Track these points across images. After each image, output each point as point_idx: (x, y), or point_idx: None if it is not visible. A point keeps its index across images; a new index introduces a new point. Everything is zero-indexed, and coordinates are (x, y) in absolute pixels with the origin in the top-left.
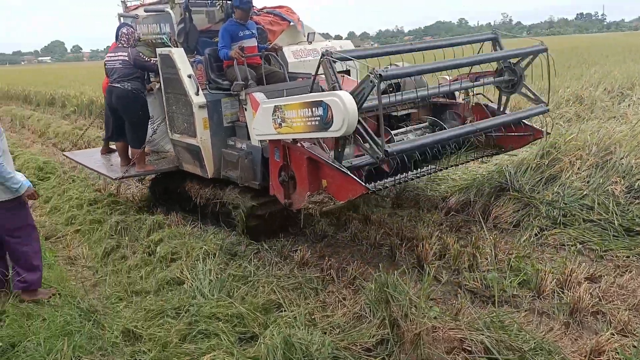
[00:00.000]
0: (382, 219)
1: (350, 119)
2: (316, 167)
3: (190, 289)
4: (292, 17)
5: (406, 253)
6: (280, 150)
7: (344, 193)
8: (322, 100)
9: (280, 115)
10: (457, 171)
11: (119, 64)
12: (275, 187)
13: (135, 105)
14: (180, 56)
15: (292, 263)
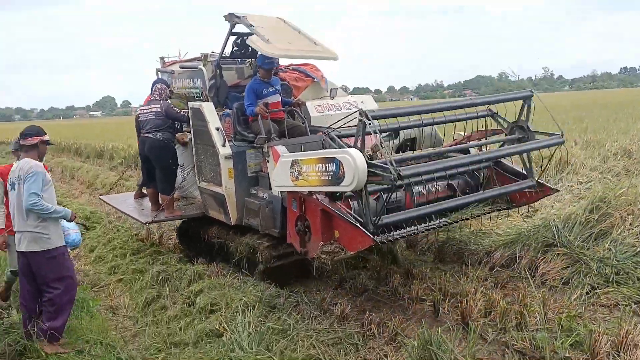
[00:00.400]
0: (424, 273)
1: (360, 176)
2: (329, 219)
3: (229, 342)
4: (316, 74)
5: (450, 309)
6: (297, 201)
7: (355, 244)
8: (334, 156)
9: (297, 169)
10: (501, 225)
11: (152, 116)
12: (292, 235)
13: (166, 154)
14: (209, 110)
15: (332, 317)
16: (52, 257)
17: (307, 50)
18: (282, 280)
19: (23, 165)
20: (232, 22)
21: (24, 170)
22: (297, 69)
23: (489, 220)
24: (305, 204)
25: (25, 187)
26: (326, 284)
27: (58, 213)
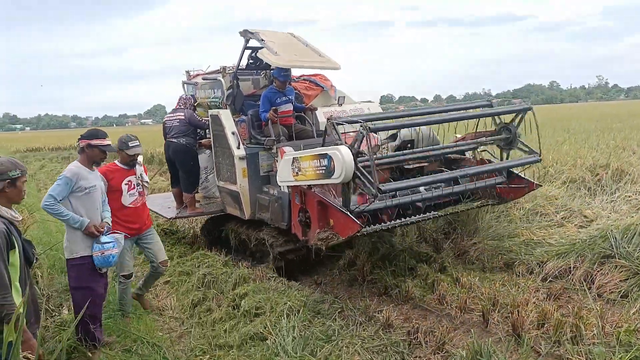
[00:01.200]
0: (472, 282)
1: (347, 169)
2: (325, 209)
3: (273, 346)
4: (325, 84)
5: (500, 320)
6: (299, 194)
7: (346, 230)
8: (327, 153)
9: (297, 165)
10: (554, 235)
11: (177, 123)
12: (295, 226)
13: (188, 157)
14: (226, 116)
15: (377, 324)
16: (72, 265)
17: (311, 61)
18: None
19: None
20: (246, 37)
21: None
22: (307, 79)
23: (540, 229)
24: (305, 197)
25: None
26: (371, 291)
27: (73, 221)
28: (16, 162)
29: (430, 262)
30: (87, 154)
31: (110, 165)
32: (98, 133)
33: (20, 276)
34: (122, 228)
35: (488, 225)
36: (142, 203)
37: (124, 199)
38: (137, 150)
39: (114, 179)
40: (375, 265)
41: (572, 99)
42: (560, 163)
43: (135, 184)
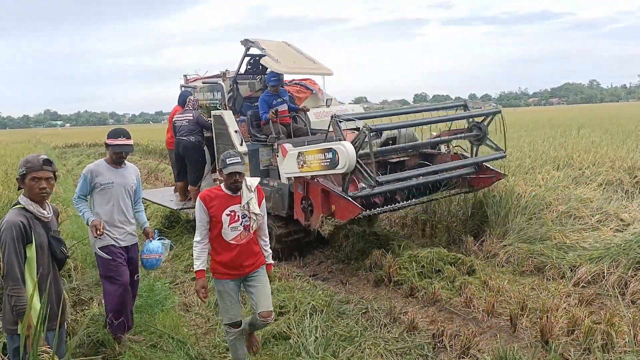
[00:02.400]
0: (501, 286)
1: (350, 161)
2: (327, 196)
3: (295, 345)
4: (314, 87)
5: (528, 325)
6: (302, 185)
7: (347, 214)
8: (331, 147)
9: (303, 159)
10: (588, 239)
11: (186, 122)
12: (298, 212)
13: (196, 153)
14: (229, 116)
15: (402, 326)
16: (97, 256)
17: (308, 67)
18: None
19: None
20: (247, 46)
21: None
22: (299, 83)
23: (574, 232)
24: (309, 187)
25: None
26: (397, 292)
27: (83, 217)
28: (27, 159)
29: (458, 264)
30: (107, 152)
31: (213, 189)
32: (113, 132)
33: (43, 272)
34: (221, 268)
35: (519, 228)
36: (247, 240)
37: (224, 233)
38: (235, 168)
39: (214, 207)
40: (402, 266)
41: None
42: (597, 164)
43: (240, 215)
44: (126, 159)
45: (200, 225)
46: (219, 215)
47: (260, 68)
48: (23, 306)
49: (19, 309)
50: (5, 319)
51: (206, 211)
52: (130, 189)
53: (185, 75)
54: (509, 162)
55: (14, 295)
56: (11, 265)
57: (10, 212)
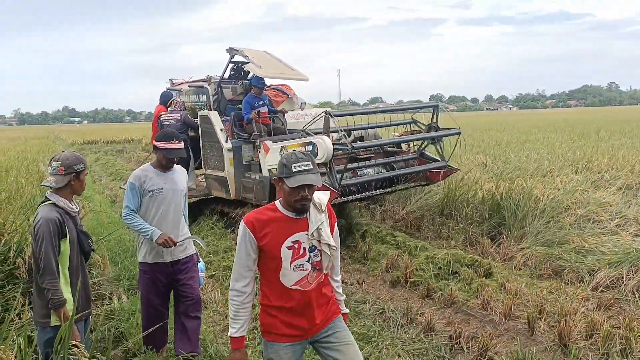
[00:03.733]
0: (519, 289)
1: (328, 153)
2: None
3: None
4: (289, 92)
5: (546, 328)
6: None
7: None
8: (312, 141)
9: (284, 152)
10: (607, 243)
11: (173, 122)
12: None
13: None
14: (215, 116)
15: (419, 327)
16: (139, 270)
17: (286, 73)
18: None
19: None
20: (231, 53)
21: None
22: (276, 88)
23: (592, 236)
24: None
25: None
26: (414, 293)
27: (145, 233)
28: (80, 156)
29: (475, 266)
30: (156, 156)
31: (263, 209)
32: (165, 135)
33: (72, 265)
34: (278, 326)
35: (537, 231)
36: (317, 283)
37: (284, 275)
38: (306, 178)
39: (269, 236)
40: (418, 268)
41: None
42: (616, 168)
43: (307, 247)
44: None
45: (243, 264)
46: (277, 249)
47: (242, 74)
48: (60, 299)
49: (56, 302)
50: (36, 312)
51: (255, 243)
52: (180, 193)
53: (171, 80)
54: (526, 164)
55: (51, 289)
56: (48, 259)
57: (43, 208)
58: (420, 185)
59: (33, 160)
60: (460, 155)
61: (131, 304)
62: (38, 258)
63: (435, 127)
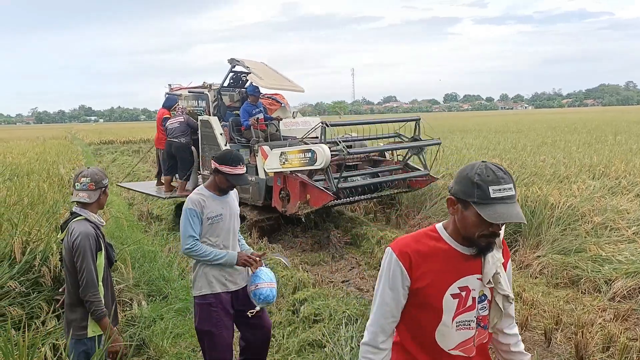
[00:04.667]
0: (535, 298)
1: (326, 159)
2: (304, 187)
3: (330, 354)
4: (283, 101)
5: (563, 340)
6: (281, 179)
7: (320, 201)
8: (311, 148)
9: (285, 157)
10: (624, 252)
11: (177, 125)
12: (276, 201)
13: (186, 152)
14: (215, 121)
15: None
16: (195, 303)
17: (285, 85)
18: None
19: None
20: (233, 64)
21: None
22: (270, 97)
23: (609, 244)
24: (287, 180)
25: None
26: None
27: (219, 259)
28: (103, 171)
29: None
30: (215, 178)
31: (425, 234)
32: (231, 158)
33: (103, 276)
34: None
35: (553, 238)
36: (480, 348)
37: (442, 334)
38: (511, 214)
39: (429, 275)
40: None
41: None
42: (634, 174)
43: (477, 297)
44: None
45: (387, 312)
46: (438, 296)
47: (240, 83)
48: (102, 310)
49: (100, 313)
50: (72, 325)
51: (407, 281)
52: (236, 216)
53: (169, 85)
54: (542, 169)
55: (94, 301)
56: (90, 273)
57: (78, 224)
58: (403, 191)
59: (53, 162)
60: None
61: (151, 310)
62: (80, 272)
63: (417, 139)
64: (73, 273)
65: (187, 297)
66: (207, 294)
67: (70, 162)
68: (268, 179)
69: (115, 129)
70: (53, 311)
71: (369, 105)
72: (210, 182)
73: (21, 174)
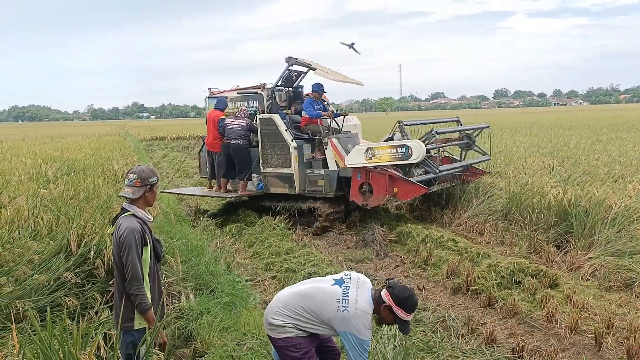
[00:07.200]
0: (586, 301)
1: (422, 154)
2: (392, 181)
3: (374, 352)
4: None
5: (614, 345)
6: (362, 173)
7: (411, 194)
8: (404, 144)
9: (372, 152)
10: None
11: (238, 127)
12: (355, 195)
13: (245, 154)
14: (278, 119)
15: (480, 337)
16: (286, 347)
17: (346, 78)
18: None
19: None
20: (290, 62)
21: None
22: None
23: None
24: (370, 174)
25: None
26: (474, 302)
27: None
28: (154, 169)
29: (539, 277)
30: (382, 313)
31: None
32: (411, 305)
33: (150, 270)
34: None
35: (607, 240)
36: None
37: None
38: None
39: None
40: (480, 275)
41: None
42: None
43: None
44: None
45: None
46: None
47: (291, 81)
48: (147, 303)
49: (144, 306)
50: (120, 317)
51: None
52: None
53: (209, 89)
54: (596, 168)
55: (138, 294)
56: (135, 267)
57: (125, 219)
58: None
59: (107, 158)
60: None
61: (199, 303)
62: (125, 266)
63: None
64: (120, 267)
65: (234, 291)
66: (299, 335)
67: (124, 157)
68: (340, 170)
69: (166, 125)
70: (106, 302)
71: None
72: (376, 308)
73: (78, 169)
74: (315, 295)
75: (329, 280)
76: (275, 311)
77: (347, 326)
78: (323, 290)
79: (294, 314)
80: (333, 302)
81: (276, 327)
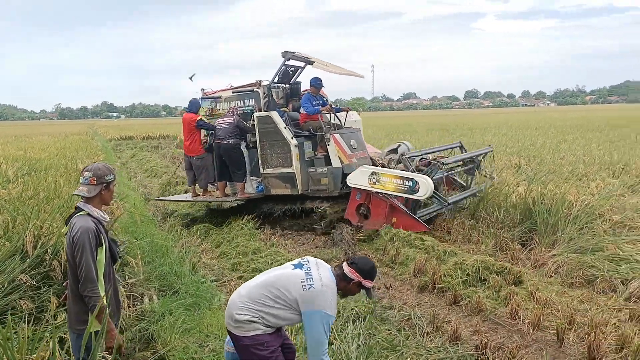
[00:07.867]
0: (549, 297)
1: (430, 191)
2: (392, 211)
3: (338, 351)
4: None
5: (575, 340)
6: (362, 194)
7: (409, 229)
8: (413, 178)
9: (376, 177)
10: None
11: (226, 125)
12: (350, 214)
13: (237, 153)
14: (276, 115)
15: (444, 335)
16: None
17: (346, 71)
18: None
19: None
20: (286, 57)
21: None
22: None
23: (628, 244)
24: (370, 198)
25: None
26: (440, 299)
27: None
28: (110, 167)
29: (504, 274)
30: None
31: None
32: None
33: (105, 272)
34: None
35: (569, 237)
36: None
37: None
38: None
39: None
40: (447, 273)
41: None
42: None
43: None
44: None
45: None
46: None
47: (288, 77)
48: (101, 305)
49: (94, 306)
50: (74, 319)
51: None
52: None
53: (202, 89)
54: (561, 167)
55: (92, 296)
56: (89, 268)
57: (79, 218)
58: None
59: (72, 158)
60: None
61: (161, 305)
62: (79, 267)
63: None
64: (74, 268)
65: (198, 292)
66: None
67: (89, 157)
68: (345, 167)
69: (136, 125)
70: (62, 305)
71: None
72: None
73: (39, 168)
74: (279, 281)
75: (288, 267)
76: (239, 306)
77: (315, 303)
78: (285, 275)
79: (259, 305)
80: (298, 282)
81: (242, 323)
